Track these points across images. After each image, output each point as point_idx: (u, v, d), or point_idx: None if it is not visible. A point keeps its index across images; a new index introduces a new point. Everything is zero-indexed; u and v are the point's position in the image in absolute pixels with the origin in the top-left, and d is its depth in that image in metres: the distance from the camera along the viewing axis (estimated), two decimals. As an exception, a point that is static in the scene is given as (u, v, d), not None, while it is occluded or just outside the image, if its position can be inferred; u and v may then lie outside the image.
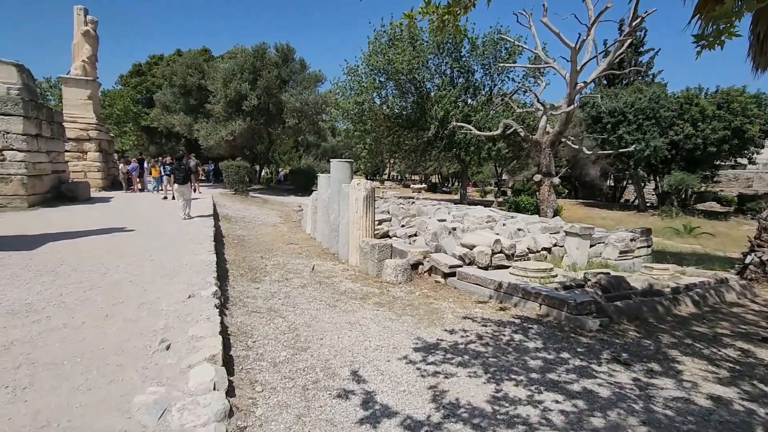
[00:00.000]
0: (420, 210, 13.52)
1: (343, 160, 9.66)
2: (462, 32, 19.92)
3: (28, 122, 10.87)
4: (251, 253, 8.70)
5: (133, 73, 31.82)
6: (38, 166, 11.40)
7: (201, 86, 22.83)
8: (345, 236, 8.73)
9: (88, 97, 17.84)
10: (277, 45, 22.91)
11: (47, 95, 38.59)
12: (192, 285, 4.64)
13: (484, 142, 20.24)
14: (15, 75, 10.89)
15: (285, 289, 6.00)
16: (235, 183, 19.34)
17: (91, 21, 17.70)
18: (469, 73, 21.22)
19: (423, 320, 4.73)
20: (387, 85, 19.42)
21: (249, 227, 12.99)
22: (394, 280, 6.60)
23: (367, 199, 8.13)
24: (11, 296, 4.06)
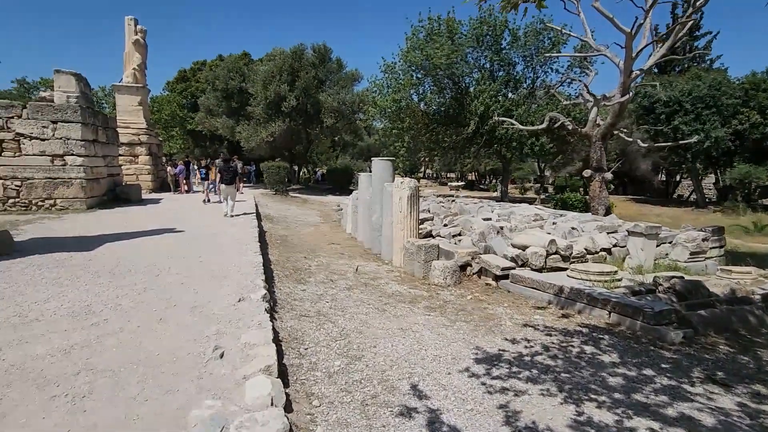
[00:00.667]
0: (462, 208, 13.11)
1: (385, 158, 9.46)
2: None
3: (86, 128, 11.43)
4: (294, 254, 8.67)
5: (178, 80, 33.19)
6: (95, 170, 11.99)
7: (242, 89, 23.41)
8: (388, 236, 8.52)
9: (139, 103, 18.67)
10: (314, 45, 23.11)
11: (102, 103, 41.10)
12: (241, 288, 4.58)
13: (527, 137, 19.42)
14: (73, 84, 11.49)
15: (331, 291, 5.86)
16: (275, 183, 19.67)
17: (140, 30, 18.51)
18: (509, 66, 20.46)
19: (479, 327, 4.42)
20: (425, 81, 19.06)
21: (290, 227, 13.09)
22: (442, 282, 6.31)
23: (411, 199, 7.88)
24: (72, 297, 4.14)
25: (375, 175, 9.38)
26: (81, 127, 11.16)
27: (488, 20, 18.91)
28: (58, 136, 10.98)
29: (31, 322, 3.48)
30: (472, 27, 18.90)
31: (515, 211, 11.45)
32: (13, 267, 5.23)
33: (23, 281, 4.65)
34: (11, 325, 3.40)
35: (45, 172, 10.86)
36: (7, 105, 10.70)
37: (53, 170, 10.95)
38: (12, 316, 3.61)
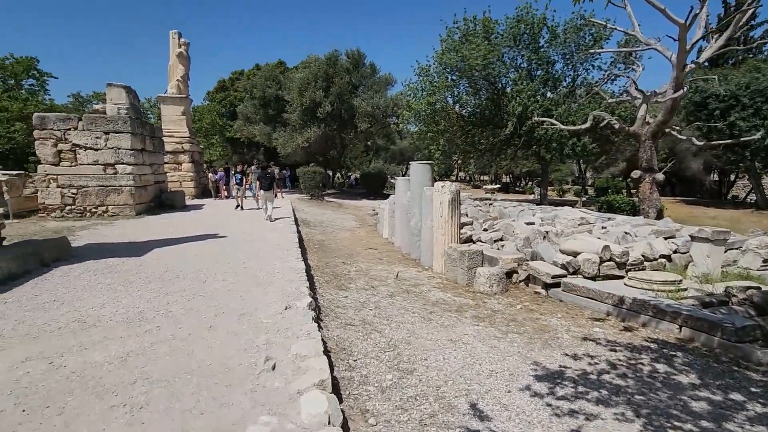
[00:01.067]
0: (502, 212, 12.72)
1: (424, 162, 9.29)
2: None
3: (135, 138, 11.96)
4: (333, 259, 8.64)
5: (218, 89, 34.43)
6: (143, 177, 12.52)
7: (278, 97, 23.92)
8: (427, 242, 8.34)
9: (182, 113, 19.45)
10: (348, 51, 23.29)
11: (148, 114, 43.26)
12: (286, 295, 4.53)
13: (568, 138, 18.67)
14: (124, 96, 12.06)
15: (373, 298, 5.74)
16: (311, 188, 19.90)
17: (183, 43, 19.31)
18: (548, 65, 19.79)
19: (534, 340, 4.16)
20: (460, 83, 18.74)
21: (327, 232, 13.14)
22: (488, 290, 6.05)
23: (452, 203, 7.67)
24: (126, 303, 4.23)
25: (413, 178, 9.23)
26: (130, 137, 11.69)
27: (526, 18, 18.38)
28: (110, 146, 11.55)
29: (89, 327, 3.55)
30: (509, 26, 18.44)
31: (559, 215, 10.97)
32: (71, 272, 5.46)
33: (81, 286, 4.82)
34: (71, 331, 3.48)
35: (98, 181, 11.43)
36: (65, 118, 11.36)
37: (105, 178, 11.51)
38: (72, 321, 3.71)
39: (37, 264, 5.60)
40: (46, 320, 3.73)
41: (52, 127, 11.16)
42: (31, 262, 5.46)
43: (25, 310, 4.00)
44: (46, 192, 11.10)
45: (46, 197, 11.10)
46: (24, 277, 5.15)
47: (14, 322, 3.68)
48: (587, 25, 19.02)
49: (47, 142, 11.11)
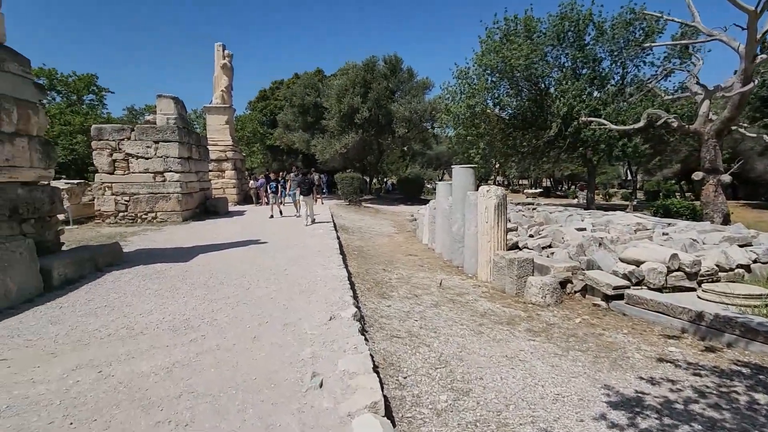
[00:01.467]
0: (547, 217, 12.11)
1: (466, 165, 8.95)
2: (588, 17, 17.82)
3: (182, 147, 12.40)
4: (373, 265, 8.47)
5: (259, 99, 35.52)
6: (189, 185, 12.95)
7: (317, 104, 24.29)
8: (471, 248, 7.99)
9: (226, 122, 20.12)
10: (385, 57, 23.32)
11: (194, 124, 45.37)
12: (330, 304, 4.38)
13: (617, 138, 17.63)
14: (172, 106, 12.56)
15: (417, 308, 5.49)
16: (349, 194, 19.95)
17: (228, 55, 20.01)
18: (594, 63, 18.83)
19: (601, 359, 3.76)
20: (500, 84, 18.19)
21: (366, 237, 13.02)
22: (540, 301, 5.64)
23: (498, 208, 7.30)
24: (172, 310, 4.22)
25: (456, 183, 8.92)
26: (178, 145, 12.13)
27: (570, 15, 17.61)
28: (159, 155, 12.03)
29: (137, 335, 3.54)
30: (553, 24, 17.72)
31: (613, 220, 10.27)
32: (122, 277, 5.59)
33: (130, 292, 4.90)
34: (120, 338, 3.48)
35: (148, 188, 11.92)
36: (119, 128, 11.97)
37: (155, 186, 11.99)
38: (121, 328, 3.72)
39: (92, 269, 5.79)
40: (97, 326, 3.77)
41: (108, 137, 11.77)
42: (86, 267, 5.65)
43: (78, 315, 4.08)
44: (102, 199, 11.70)
45: (102, 204, 11.69)
46: (79, 281, 5.32)
47: (68, 327, 3.74)
48: (638, 18, 17.97)
49: (103, 152, 11.73)
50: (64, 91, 37.35)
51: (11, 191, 5.37)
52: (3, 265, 4.27)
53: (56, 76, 35.92)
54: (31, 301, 4.50)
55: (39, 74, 35.27)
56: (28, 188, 5.70)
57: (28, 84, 5.76)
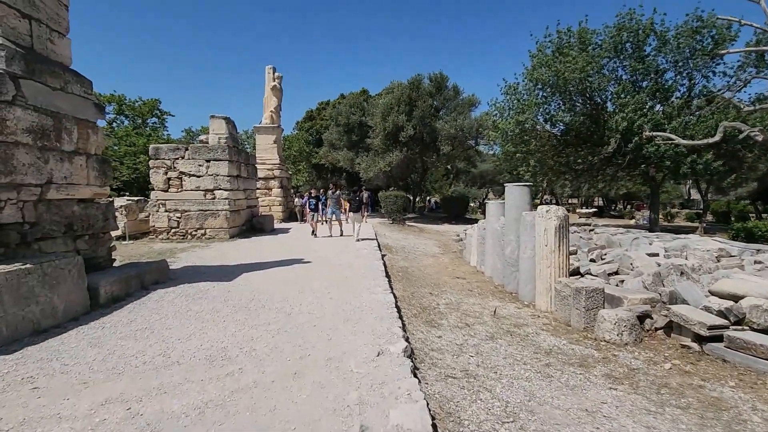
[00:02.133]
0: (610, 240, 11.10)
1: (521, 183, 8.33)
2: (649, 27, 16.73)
3: (232, 165, 12.69)
4: (419, 288, 8.00)
5: (306, 119, 36.56)
6: (237, 202, 13.19)
7: (362, 123, 24.48)
8: (527, 273, 7.32)
9: (274, 142, 20.65)
10: (431, 75, 23.17)
11: (245, 144, 47.49)
12: (377, 336, 3.96)
13: (685, 154, 16.17)
14: (224, 126, 12.95)
15: (471, 340, 4.95)
16: (393, 212, 19.65)
17: (277, 77, 20.69)
18: (656, 74, 17.55)
19: (709, 422, 3.04)
20: (552, 99, 17.35)
21: (410, 258, 12.57)
22: (616, 339, 4.90)
23: (559, 230, 6.63)
24: (211, 336, 3.99)
25: (509, 202, 8.32)
26: (228, 164, 12.42)
27: (629, 26, 16.61)
28: (210, 173, 12.35)
29: (172, 365, 3.30)
30: (609, 35, 16.78)
31: (688, 245, 9.18)
32: (166, 296, 5.50)
33: (172, 313, 4.75)
34: (155, 368, 3.25)
35: (198, 205, 12.23)
36: (174, 148, 12.46)
37: (204, 203, 12.29)
38: (157, 355, 3.51)
39: (138, 287, 5.77)
40: (134, 352, 3.58)
41: (164, 156, 12.27)
42: (132, 285, 5.62)
43: (118, 338, 3.93)
44: (156, 216, 12.13)
45: (156, 220, 12.11)
46: (125, 299, 5.27)
47: (106, 352, 3.58)
48: (706, 26, 16.64)
49: (159, 170, 12.22)
50: (130, 115, 40.45)
51: (67, 208, 5.48)
52: (52, 282, 4.25)
53: (125, 102, 39.02)
54: (76, 319, 4.45)
55: (110, 100, 38.51)
56: (83, 205, 5.81)
57: (88, 104, 5.95)
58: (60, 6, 5.65)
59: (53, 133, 5.24)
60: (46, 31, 5.40)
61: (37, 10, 5.25)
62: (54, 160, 5.26)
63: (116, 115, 39.42)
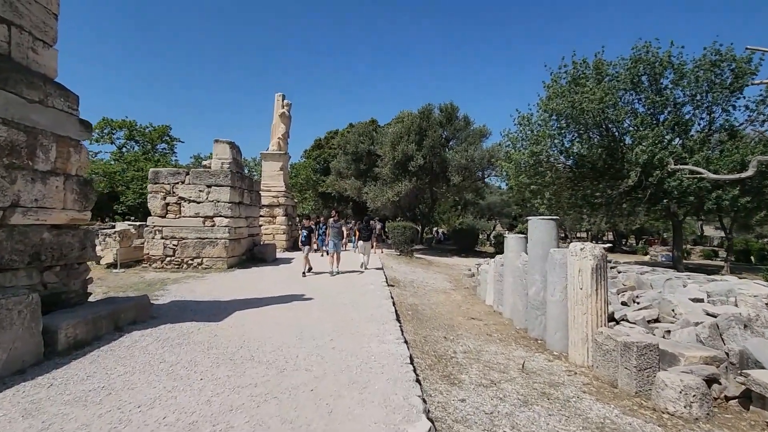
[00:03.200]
0: (640, 281, 10.18)
1: (547, 217, 7.57)
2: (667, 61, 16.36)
3: (234, 191, 12.09)
4: (432, 331, 7.11)
5: (314, 147, 36.49)
6: (238, 230, 12.50)
7: (370, 152, 24.12)
8: (557, 319, 6.43)
9: (280, 169, 20.22)
10: (441, 105, 22.96)
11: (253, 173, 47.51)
12: (392, 408, 3.11)
13: (709, 189, 15.38)
14: (228, 151, 12.45)
15: (502, 406, 4.05)
16: (400, 244, 18.84)
17: (286, 104, 20.51)
18: (675, 107, 17.06)
19: None
20: (566, 131, 16.83)
21: (420, 294, 11.67)
22: (684, 412, 3.98)
23: (597, 272, 5.79)
24: (181, 402, 3.16)
25: (533, 237, 7.52)
26: (230, 190, 11.82)
27: (646, 58, 16.26)
28: (211, 199, 11.74)
29: (118, 452, 2.47)
30: (625, 68, 16.42)
31: (733, 289, 8.23)
32: (140, 341, 4.69)
33: (141, 365, 3.93)
34: (93, 456, 2.42)
35: (197, 233, 11.55)
36: (175, 172, 11.93)
37: (203, 231, 11.60)
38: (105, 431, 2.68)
39: (110, 328, 4.97)
40: (77, 426, 2.76)
41: (164, 181, 11.72)
42: (102, 327, 4.83)
43: (64, 402, 3.12)
44: (151, 243, 11.44)
45: (151, 248, 11.42)
46: (92, 344, 4.47)
47: (40, 425, 2.76)
48: (725, 59, 16.26)
49: (158, 195, 11.64)
50: (141, 141, 40.76)
51: (35, 235, 4.78)
52: (-6, 326, 3.49)
53: (135, 127, 39.38)
54: (23, 372, 3.65)
55: (122, 125, 38.92)
56: (56, 232, 5.12)
57: (72, 121, 5.37)
58: (48, 14, 5.17)
59: (25, 150, 4.62)
60: (28, 39, 4.89)
61: (19, 16, 4.75)
62: (23, 180, 4.61)
63: (126, 140, 39.73)
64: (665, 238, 57.65)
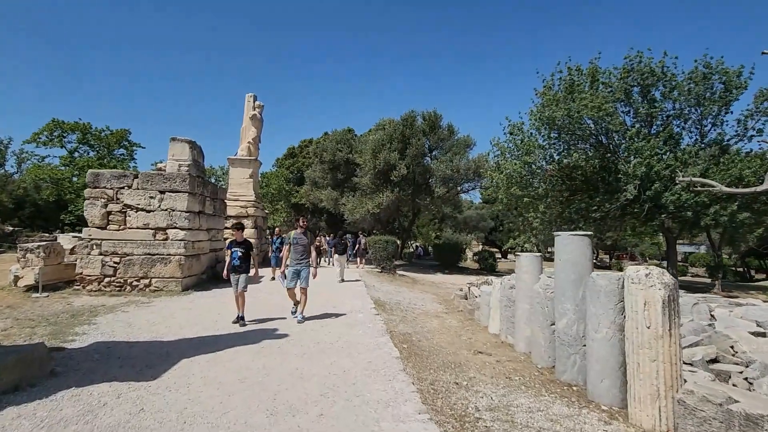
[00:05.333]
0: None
1: (579, 233, 6.23)
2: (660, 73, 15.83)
3: (193, 199, 10.21)
4: (438, 373, 5.57)
5: (287, 156, 34.59)
6: (197, 244, 10.57)
7: (348, 160, 22.57)
8: (605, 363, 5.00)
9: (250, 176, 18.31)
10: (424, 113, 21.78)
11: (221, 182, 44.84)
12: None
13: (707, 205, 14.75)
14: (187, 152, 10.59)
15: None
16: (382, 260, 17.23)
17: (258, 106, 18.73)
18: (667, 120, 16.56)
19: None
20: (560, 141, 15.92)
21: (409, 318, 10.09)
22: None
23: (669, 305, 4.41)
24: None
25: (563, 257, 6.13)
26: (187, 197, 9.94)
27: (640, 68, 15.65)
28: (164, 207, 9.82)
29: None
30: (619, 77, 15.75)
31: (779, 317, 7.14)
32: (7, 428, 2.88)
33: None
34: None
35: (145, 248, 9.56)
36: (119, 175, 9.94)
37: (153, 245, 9.63)
38: None
39: (-35, 404, 3.12)
40: None
41: (105, 185, 9.71)
42: (-53, 406, 2.98)
43: None
44: (86, 260, 9.35)
45: (85, 266, 9.32)
46: None
47: None
48: (716, 72, 15.94)
49: (97, 202, 9.61)
50: (96, 145, 37.58)
51: None
52: None
53: (90, 131, 36.26)
54: None
55: (74, 128, 35.73)
56: None
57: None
58: None
59: None
60: None
61: None
62: None
63: (79, 144, 36.46)
64: (634, 254, 58.63)
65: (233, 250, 6.99)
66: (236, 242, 7.12)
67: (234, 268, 6.88)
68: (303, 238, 7.54)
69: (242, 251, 7.00)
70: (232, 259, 6.91)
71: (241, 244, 7.12)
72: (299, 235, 7.49)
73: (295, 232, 7.60)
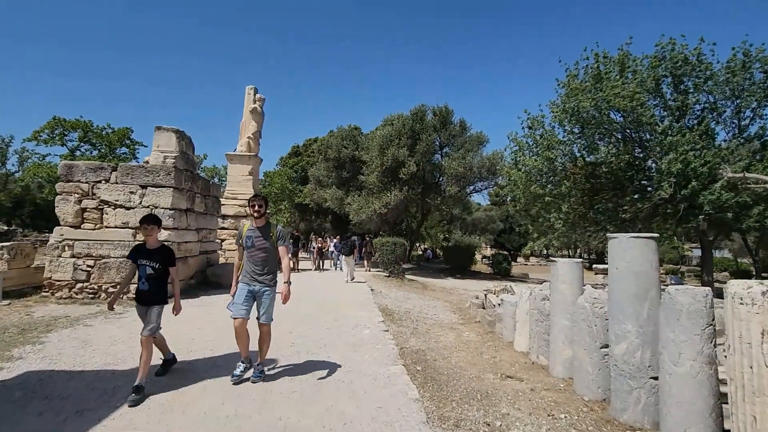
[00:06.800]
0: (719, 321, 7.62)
1: (644, 235, 4.97)
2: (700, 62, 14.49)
3: (179, 195, 9.08)
4: (461, 407, 4.38)
5: (291, 155, 33.54)
6: (184, 246, 9.43)
7: (354, 158, 21.41)
8: (690, 407, 3.73)
9: (249, 173, 17.20)
10: (434, 108, 20.53)
11: (223, 180, 43.92)
12: None
13: (750, 205, 13.35)
14: (174, 142, 9.47)
15: None
16: (390, 263, 16.00)
17: (259, 99, 17.63)
18: (703, 112, 15.19)
19: None
20: (586, 135, 14.61)
21: (421, 330, 8.85)
22: None
23: (798, 334, 3.17)
24: None
25: (620, 265, 4.85)
26: (173, 192, 8.81)
27: (675, 55, 14.30)
28: (146, 204, 8.70)
29: None
30: (651, 66, 14.41)
31: None
32: None
33: None
34: None
35: (123, 249, 8.44)
36: (96, 167, 8.83)
37: (132, 247, 8.50)
38: None
39: None
40: None
41: (80, 178, 8.62)
42: None
43: None
44: (56, 263, 8.24)
45: (54, 270, 8.21)
46: None
47: None
48: (758, 59, 14.54)
49: (70, 197, 8.51)
50: (98, 143, 36.85)
51: None
52: None
53: (91, 129, 35.53)
54: None
55: (75, 126, 34.98)
56: None
57: None
58: None
59: None
60: None
61: None
62: None
63: (81, 142, 35.70)
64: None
65: (140, 263, 3.99)
66: (145, 249, 4.05)
67: (139, 294, 4.00)
68: (263, 238, 4.13)
69: (154, 266, 3.97)
70: (139, 279, 4.00)
71: (153, 253, 4.03)
72: (254, 229, 4.14)
73: (249, 225, 4.24)
